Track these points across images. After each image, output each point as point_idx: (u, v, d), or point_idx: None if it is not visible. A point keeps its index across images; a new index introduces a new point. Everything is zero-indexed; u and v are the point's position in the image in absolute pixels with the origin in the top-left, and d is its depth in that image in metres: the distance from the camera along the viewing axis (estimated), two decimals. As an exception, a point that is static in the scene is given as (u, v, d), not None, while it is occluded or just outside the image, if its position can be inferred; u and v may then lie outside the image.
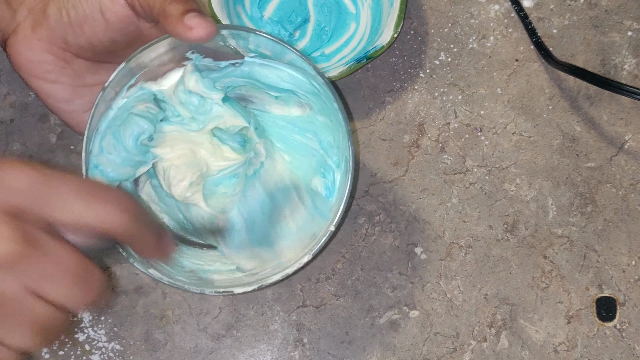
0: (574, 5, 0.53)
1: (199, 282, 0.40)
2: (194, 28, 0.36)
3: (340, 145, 0.41)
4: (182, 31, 0.36)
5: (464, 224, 0.50)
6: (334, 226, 0.39)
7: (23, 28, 0.39)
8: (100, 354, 0.48)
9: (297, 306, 0.49)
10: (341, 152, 0.41)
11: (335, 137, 0.42)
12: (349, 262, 0.49)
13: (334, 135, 0.42)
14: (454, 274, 0.49)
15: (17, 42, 0.39)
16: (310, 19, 0.52)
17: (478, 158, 0.51)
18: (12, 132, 0.51)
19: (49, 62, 0.39)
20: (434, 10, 0.53)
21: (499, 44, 0.53)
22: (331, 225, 0.40)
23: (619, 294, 0.49)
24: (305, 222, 0.43)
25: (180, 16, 0.36)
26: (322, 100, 0.41)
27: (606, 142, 0.51)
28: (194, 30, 0.36)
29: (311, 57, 0.51)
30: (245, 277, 0.42)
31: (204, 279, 0.41)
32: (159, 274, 0.38)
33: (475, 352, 0.48)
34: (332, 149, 0.43)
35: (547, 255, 0.49)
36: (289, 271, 0.39)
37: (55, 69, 0.40)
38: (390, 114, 0.51)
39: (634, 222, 0.50)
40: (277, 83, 0.42)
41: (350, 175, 0.39)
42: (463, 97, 0.52)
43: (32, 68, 0.40)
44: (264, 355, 0.48)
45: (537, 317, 0.48)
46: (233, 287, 0.39)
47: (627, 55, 0.52)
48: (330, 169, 0.43)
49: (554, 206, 0.50)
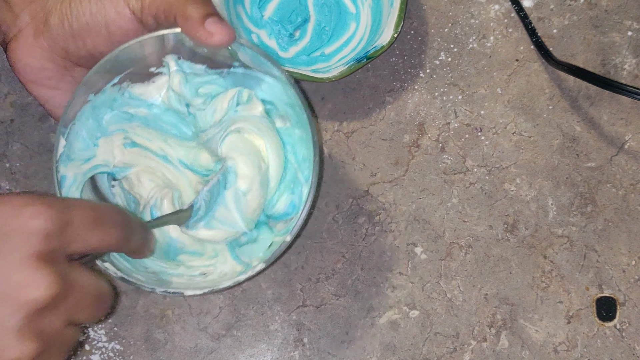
0: (574, 5, 0.53)
1: (155, 282, 0.40)
2: (215, 34, 0.36)
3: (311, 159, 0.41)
4: (202, 36, 0.36)
5: (464, 223, 0.50)
6: (291, 237, 0.39)
7: (25, 35, 0.39)
8: (100, 354, 0.48)
9: (297, 306, 0.49)
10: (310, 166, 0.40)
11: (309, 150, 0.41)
12: (349, 262, 0.49)
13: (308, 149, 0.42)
14: (454, 274, 0.49)
15: (18, 48, 0.39)
16: (310, 19, 0.52)
17: (478, 158, 0.51)
18: (12, 132, 0.51)
19: (49, 70, 0.40)
20: (434, 10, 0.53)
21: (499, 44, 0.53)
22: (287, 236, 0.39)
23: (619, 294, 0.49)
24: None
25: (200, 20, 0.36)
26: (297, 112, 0.41)
27: (606, 142, 0.51)
28: (214, 36, 0.36)
29: (311, 57, 0.52)
30: (202, 283, 0.42)
31: (164, 281, 0.41)
32: (114, 269, 0.39)
33: (475, 352, 0.48)
34: (304, 162, 0.43)
35: (547, 255, 0.49)
36: (241, 278, 0.39)
37: (55, 76, 0.40)
38: (390, 114, 0.51)
39: (634, 222, 0.50)
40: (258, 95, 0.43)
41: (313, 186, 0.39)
42: (463, 97, 0.52)
43: (32, 74, 0.40)
44: (264, 355, 0.48)
45: (537, 317, 0.48)
46: (185, 289, 0.39)
47: (627, 55, 0.52)
48: (299, 183, 0.43)
49: (554, 206, 0.50)
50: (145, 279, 0.40)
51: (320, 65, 0.51)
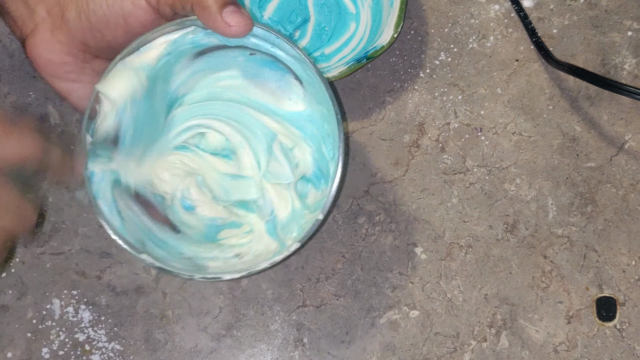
0: (574, 5, 0.53)
1: (192, 269, 0.40)
2: (233, 25, 0.36)
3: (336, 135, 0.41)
4: (220, 26, 0.36)
5: (464, 224, 0.50)
6: (323, 214, 0.39)
7: (42, 30, 0.39)
8: (100, 354, 0.48)
9: (297, 306, 0.49)
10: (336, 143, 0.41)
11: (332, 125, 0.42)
12: (349, 262, 0.49)
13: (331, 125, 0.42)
14: (454, 274, 0.49)
15: (37, 45, 0.39)
16: (310, 19, 0.52)
17: (478, 158, 0.51)
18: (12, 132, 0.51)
19: (69, 64, 0.40)
20: (434, 10, 0.53)
21: (499, 44, 0.53)
22: (319, 214, 0.39)
23: (619, 294, 0.49)
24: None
25: (218, 9, 0.36)
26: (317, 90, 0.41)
27: (606, 142, 0.51)
28: (233, 27, 0.36)
29: (311, 57, 0.52)
30: (239, 265, 0.42)
31: (200, 266, 0.41)
32: (151, 259, 0.39)
33: (475, 352, 0.48)
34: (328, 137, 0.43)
35: (547, 255, 0.49)
36: (277, 259, 0.39)
37: (75, 69, 0.40)
38: (390, 114, 0.51)
39: (634, 222, 0.50)
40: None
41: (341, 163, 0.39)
42: (463, 97, 0.52)
43: (52, 69, 0.40)
44: (264, 355, 0.48)
45: (537, 317, 0.48)
46: (222, 273, 0.39)
47: (627, 55, 0.52)
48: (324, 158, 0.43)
49: (554, 206, 0.50)
50: (182, 266, 0.40)
51: (320, 65, 0.51)
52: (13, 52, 0.52)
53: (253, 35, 0.39)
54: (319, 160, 0.44)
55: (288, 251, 0.39)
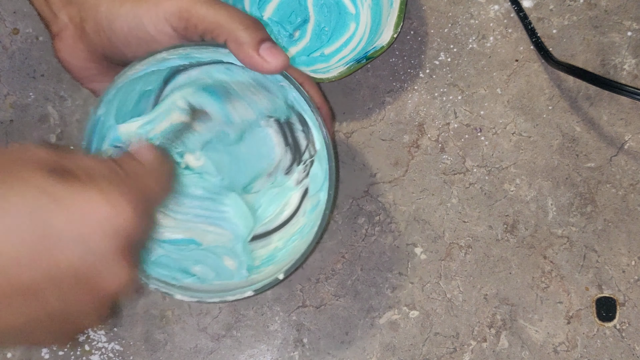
0: (573, 6, 0.53)
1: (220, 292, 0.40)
2: (271, 62, 0.35)
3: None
4: (257, 63, 0.35)
5: (464, 224, 0.50)
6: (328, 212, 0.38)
7: (66, 36, 0.38)
8: (100, 354, 0.48)
9: (297, 306, 0.49)
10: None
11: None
12: (348, 262, 0.49)
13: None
14: (454, 274, 0.49)
15: (61, 49, 0.39)
16: (310, 19, 0.52)
17: (478, 158, 0.51)
18: (12, 132, 0.51)
19: (93, 69, 0.39)
20: (433, 10, 0.53)
21: (499, 44, 0.53)
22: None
23: (619, 294, 0.49)
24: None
25: (255, 46, 0.35)
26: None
27: (606, 142, 0.51)
28: (271, 64, 0.35)
29: (311, 58, 0.52)
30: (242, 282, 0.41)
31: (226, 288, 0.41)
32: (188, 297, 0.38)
33: (475, 352, 0.48)
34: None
35: (547, 255, 0.49)
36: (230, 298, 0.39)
37: (100, 73, 0.40)
38: (390, 114, 0.51)
39: (633, 222, 0.50)
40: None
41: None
42: (463, 97, 0.52)
43: (78, 72, 0.40)
44: (263, 355, 0.48)
45: (537, 317, 0.48)
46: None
47: (627, 55, 0.52)
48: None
49: (553, 206, 0.50)
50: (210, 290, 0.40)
51: (319, 65, 0.51)
52: (13, 53, 0.52)
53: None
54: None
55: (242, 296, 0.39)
